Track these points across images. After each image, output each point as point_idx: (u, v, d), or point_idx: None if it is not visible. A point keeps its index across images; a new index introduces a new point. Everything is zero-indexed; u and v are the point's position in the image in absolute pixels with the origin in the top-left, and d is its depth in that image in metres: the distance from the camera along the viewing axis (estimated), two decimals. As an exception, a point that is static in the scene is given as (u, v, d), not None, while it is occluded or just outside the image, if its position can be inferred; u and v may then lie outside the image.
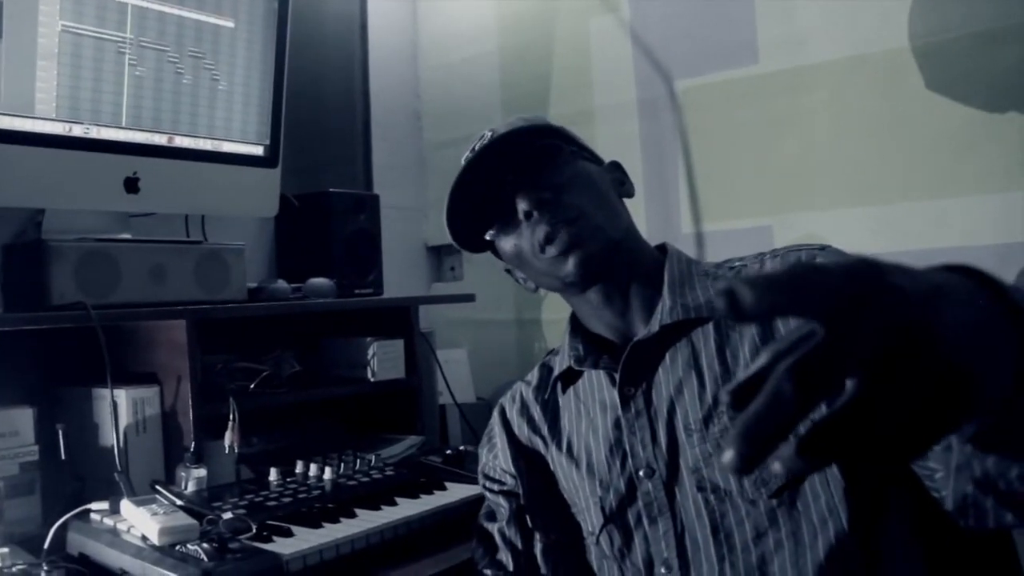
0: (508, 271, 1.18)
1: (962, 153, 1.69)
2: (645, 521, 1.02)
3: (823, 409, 0.43)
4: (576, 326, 1.15)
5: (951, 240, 1.71)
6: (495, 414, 1.25)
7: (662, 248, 1.15)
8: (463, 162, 1.11)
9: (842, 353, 0.42)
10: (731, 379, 0.98)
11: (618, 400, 1.06)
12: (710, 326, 1.03)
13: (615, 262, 1.06)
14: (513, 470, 1.18)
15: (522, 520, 1.15)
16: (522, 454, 1.19)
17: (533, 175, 1.05)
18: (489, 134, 1.10)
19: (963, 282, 0.50)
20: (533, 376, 1.23)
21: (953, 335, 0.43)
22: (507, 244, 1.09)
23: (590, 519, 1.08)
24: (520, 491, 1.17)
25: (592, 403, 1.11)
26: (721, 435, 0.98)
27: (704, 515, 0.98)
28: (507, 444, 1.20)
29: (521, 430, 1.20)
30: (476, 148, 1.10)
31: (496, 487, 1.20)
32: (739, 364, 0.99)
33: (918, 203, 1.75)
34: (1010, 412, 0.51)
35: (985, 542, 1.02)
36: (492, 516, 1.19)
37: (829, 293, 0.42)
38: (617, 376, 1.06)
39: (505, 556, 1.15)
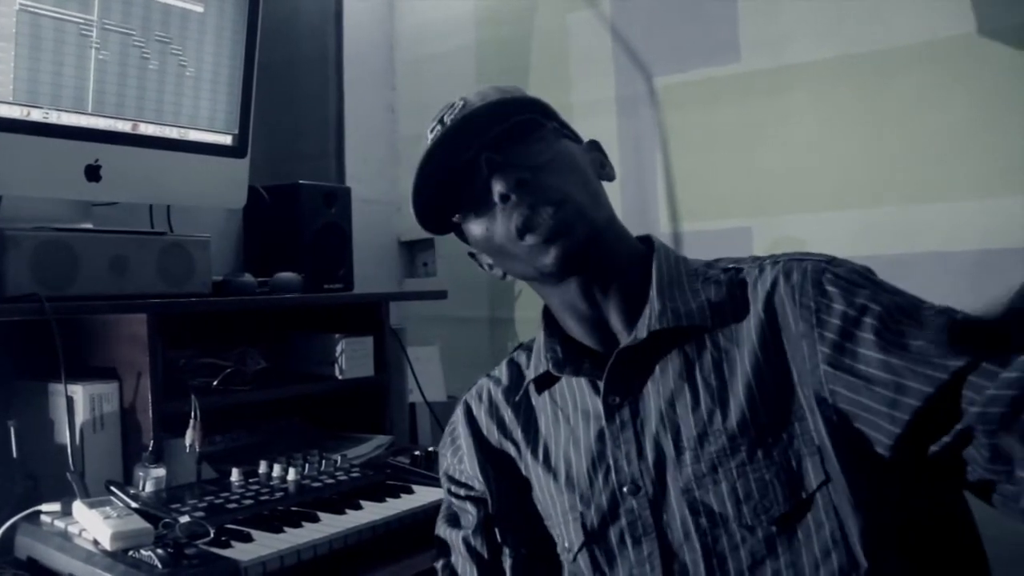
0: (472, 255, 1.09)
1: (943, 158, 1.67)
2: (629, 541, 0.95)
3: None
4: (551, 323, 1.06)
5: (931, 245, 1.69)
6: (459, 412, 1.16)
7: (646, 240, 1.06)
8: (430, 134, 1.01)
9: None
10: (728, 395, 0.91)
11: (602, 410, 0.97)
12: (705, 336, 0.94)
13: (597, 252, 0.97)
14: (481, 478, 1.09)
15: (490, 530, 1.06)
16: (490, 459, 1.10)
17: (510, 153, 0.96)
18: (460, 103, 1.01)
19: None
20: (502, 373, 1.14)
21: None
22: (477, 228, 0.99)
23: (567, 535, 1.00)
24: (488, 499, 1.08)
25: (572, 411, 1.02)
26: (718, 457, 0.89)
27: (695, 538, 0.90)
28: (474, 448, 1.11)
29: (490, 432, 1.11)
30: (446, 120, 1.00)
31: (463, 492, 1.11)
32: (736, 378, 0.91)
33: (899, 207, 1.73)
34: None
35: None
36: (455, 521, 1.10)
37: None
38: (601, 384, 0.97)
39: (469, 567, 1.05)
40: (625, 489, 0.95)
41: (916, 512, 0.87)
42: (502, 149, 0.96)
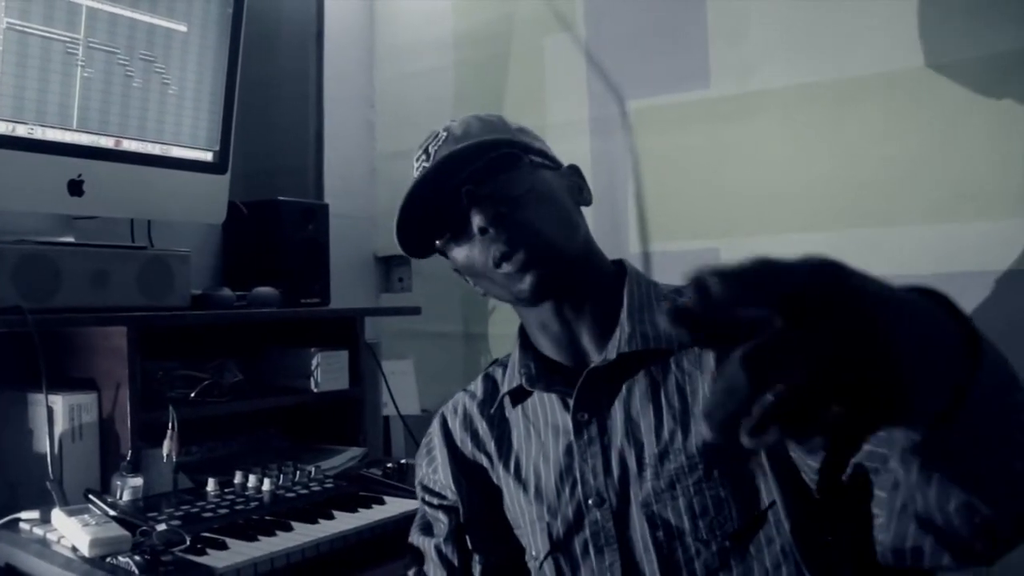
0: (457, 270, 1.12)
1: (900, 184, 1.73)
2: (592, 551, 1.00)
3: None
4: (526, 340, 1.11)
5: (888, 267, 1.73)
6: (435, 424, 1.20)
7: (619, 264, 1.11)
8: (416, 163, 1.08)
9: (797, 347, 0.45)
10: (689, 417, 0.96)
11: (571, 426, 1.03)
12: (671, 360, 1.00)
13: (570, 279, 1.02)
14: (453, 487, 1.13)
15: (461, 538, 1.11)
16: (463, 470, 1.14)
17: (490, 186, 1.01)
18: (444, 134, 1.07)
19: (927, 303, 0.54)
20: (477, 388, 1.19)
21: (900, 345, 0.47)
22: (459, 254, 1.04)
23: (535, 544, 1.05)
24: (460, 508, 1.12)
25: (543, 426, 1.08)
26: (676, 474, 0.95)
27: (652, 550, 0.95)
28: (448, 459, 1.15)
29: (464, 444, 1.15)
30: (431, 151, 1.06)
31: (436, 500, 1.15)
32: (698, 401, 0.97)
33: (858, 230, 1.79)
34: (947, 432, 0.56)
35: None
36: (428, 530, 1.14)
37: (794, 287, 0.46)
38: (571, 401, 1.03)
39: (440, 573, 1.10)
40: (590, 501, 1.00)
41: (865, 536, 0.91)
42: (481, 182, 1.01)
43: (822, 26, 1.81)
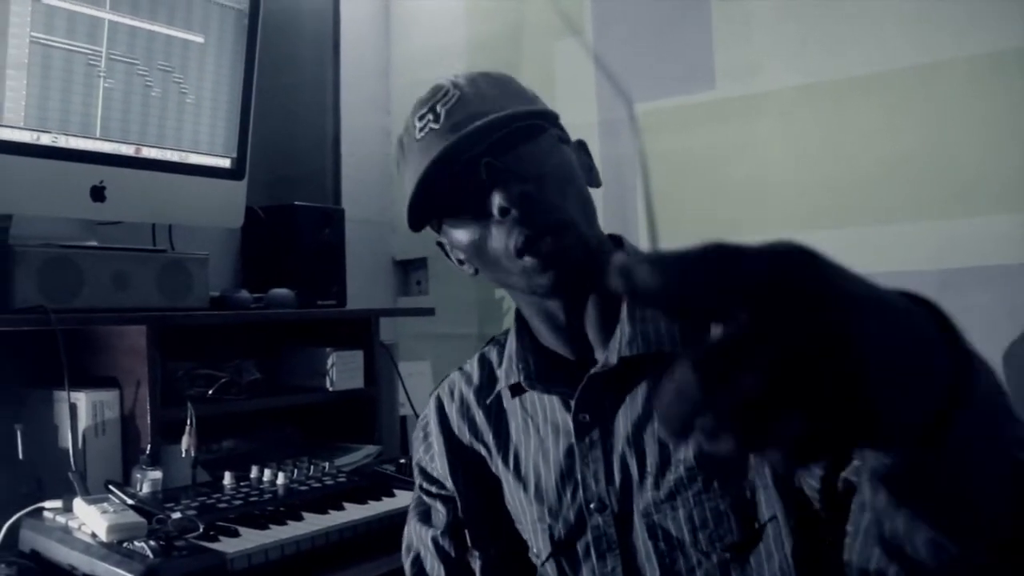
0: (440, 244, 1.02)
1: (903, 181, 1.75)
2: (593, 555, 0.97)
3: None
4: (523, 328, 1.04)
5: (893, 265, 1.77)
6: (431, 408, 1.14)
7: (617, 241, 1.02)
8: (420, 122, 0.93)
9: (754, 348, 0.39)
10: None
11: (572, 427, 0.98)
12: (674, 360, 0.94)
13: (588, 273, 0.93)
14: (451, 479, 1.09)
15: (459, 531, 1.08)
16: (460, 460, 1.10)
17: (511, 159, 0.90)
18: (455, 93, 0.93)
19: (915, 310, 0.46)
20: (473, 370, 1.12)
21: (876, 353, 0.41)
22: (464, 234, 0.93)
23: (536, 543, 1.03)
24: (458, 501, 1.09)
25: (542, 422, 1.03)
26: (676, 485, 0.91)
27: (654, 559, 0.93)
28: (444, 448, 1.11)
29: (462, 432, 1.10)
30: (440, 112, 0.92)
31: (434, 489, 1.12)
32: None
33: (863, 228, 1.81)
34: (921, 458, 0.48)
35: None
36: (426, 518, 1.12)
37: (753, 279, 0.39)
38: (572, 402, 0.97)
39: (436, 565, 1.08)
40: (592, 506, 0.97)
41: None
42: (502, 154, 0.90)
43: (824, 27, 1.84)
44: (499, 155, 0.90)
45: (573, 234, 0.90)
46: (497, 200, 0.88)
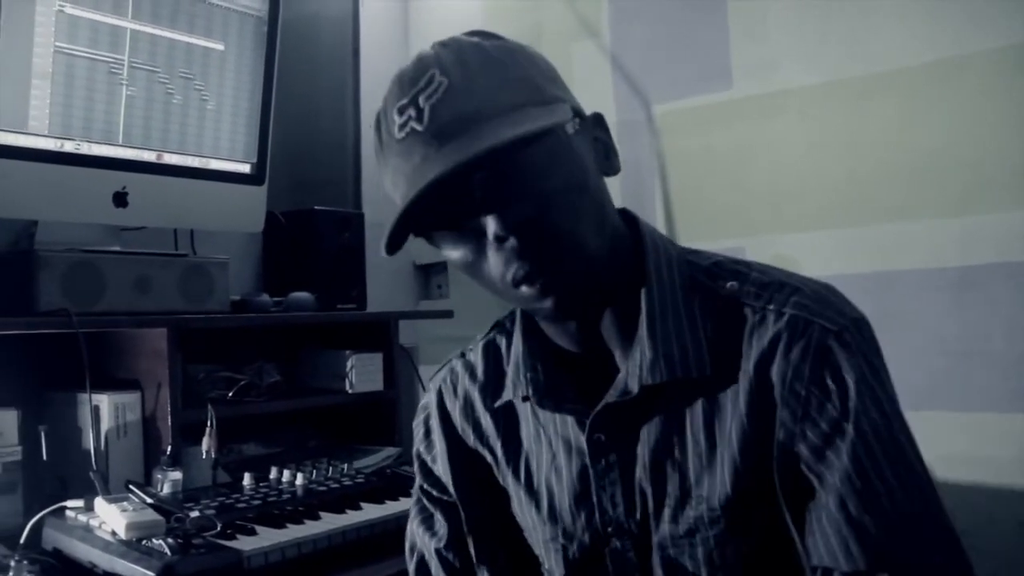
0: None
1: (924, 178, 1.74)
2: None
3: None
4: (531, 328, 0.93)
5: (915, 262, 1.76)
6: (431, 401, 1.05)
7: (633, 226, 0.90)
8: (399, 116, 0.79)
9: None
10: (715, 462, 0.83)
11: (585, 447, 0.89)
12: (700, 388, 0.84)
13: (598, 295, 0.84)
14: (453, 487, 1.02)
15: (463, 542, 1.01)
16: (464, 466, 1.02)
17: (512, 172, 0.76)
18: (441, 81, 0.77)
19: None
20: (477, 361, 1.02)
21: None
22: (456, 254, 0.82)
23: (549, 561, 0.96)
24: (461, 511, 1.01)
25: (554, 435, 0.93)
26: (696, 523, 0.84)
27: None
28: (447, 451, 1.02)
29: (465, 434, 1.02)
30: (423, 107, 0.77)
31: (435, 492, 1.05)
32: (725, 444, 0.83)
33: (883, 225, 1.80)
34: None
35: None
36: (429, 524, 1.05)
37: None
38: (587, 421, 0.88)
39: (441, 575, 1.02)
40: (610, 530, 0.90)
41: None
42: (500, 165, 0.76)
43: (840, 23, 1.84)
44: (496, 167, 0.75)
45: (580, 261, 0.79)
46: (492, 227, 0.76)
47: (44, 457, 1.46)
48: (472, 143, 0.74)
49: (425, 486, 1.06)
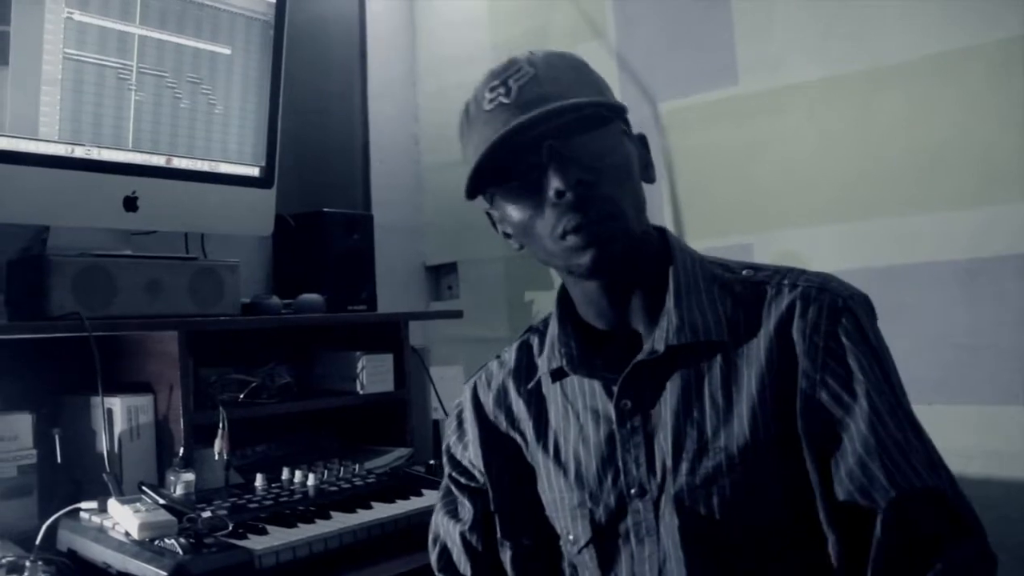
0: (489, 215, 1.04)
1: (932, 170, 1.73)
2: (633, 540, 0.98)
3: None
4: (566, 312, 1.06)
5: (923, 255, 1.75)
6: (466, 396, 1.16)
7: (661, 233, 1.04)
8: (491, 92, 0.94)
9: None
10: (732, 415, 0.93)
11: (613, 413, 0.99)
12: (719, 351, 0.96)
13: (629, 261, 0.96)
14: (483, 470, 1.11)
15: (487, 525, 1.10)
16: (495, 450, 1.11)
17: (574, 145, 0.91)
18: (529, 70, 0.93)
19: None
20: (510, 357, 1.13)
21: None
22: (516, 212, 0.96)
23: (575, 530, 1.03)
24: (490, 492, 1.10)
25: (582, 408, 1.03)
26: (714, 471, 0.93)
27: (679, 544, 0.94)
28: (479, 438, 1.12)
29: (498, 420, 1.12)
30: (511, 87, 0.92)
31: (464, 480, 1.14)
32: (743, 398, 0.93)
33: (891, 219, 1.79)
34: None
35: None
36: (454, 512, 1.13)
37: None
38: (615, 388, 0.99)
39: (464, 560, 1.10)
40: (633, 491, 0.98)
41: None
42: (566, 139, 0.91)
43: (845, 17, 1.83)
44: (563, 139, 0.91)
45: (621, 224, 0.93)
46: (555, 183, 0.91)
47: (58, 460, 1.48)
48: (551, 107, 0.90)
49: (453, 474, 1.15)
